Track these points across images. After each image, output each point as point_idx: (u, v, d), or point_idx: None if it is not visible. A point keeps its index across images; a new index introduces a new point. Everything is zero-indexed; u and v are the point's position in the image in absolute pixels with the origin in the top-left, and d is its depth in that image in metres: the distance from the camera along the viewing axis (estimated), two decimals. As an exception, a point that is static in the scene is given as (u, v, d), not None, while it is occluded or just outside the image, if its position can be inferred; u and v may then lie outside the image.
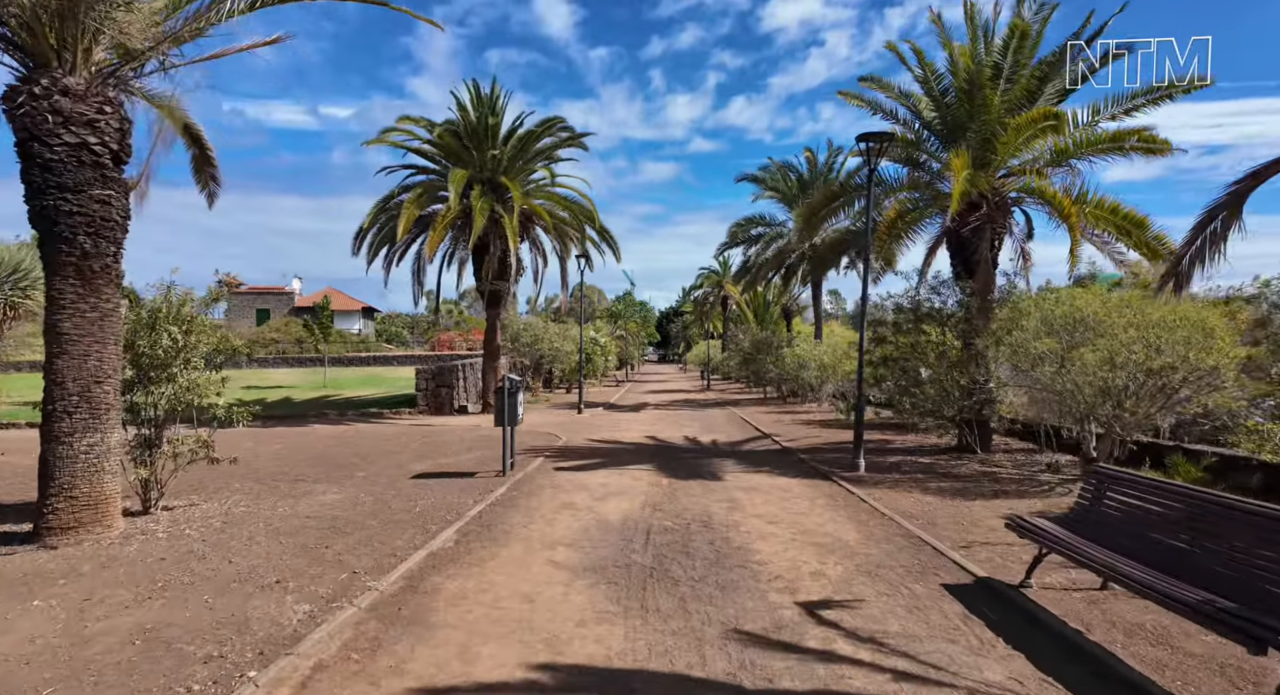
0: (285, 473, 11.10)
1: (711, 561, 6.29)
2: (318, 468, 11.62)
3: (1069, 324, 9.12)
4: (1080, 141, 10.78)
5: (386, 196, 21.48)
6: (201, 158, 10.18)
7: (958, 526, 7.41)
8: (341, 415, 21.94)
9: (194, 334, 8.22)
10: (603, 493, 9.50)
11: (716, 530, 7.41)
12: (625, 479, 10.57)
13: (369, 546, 6.75)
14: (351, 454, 13.22)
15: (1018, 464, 11.21)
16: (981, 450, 12.04)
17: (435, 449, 13.80)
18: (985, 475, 10.38)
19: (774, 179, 26.65)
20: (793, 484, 10.10)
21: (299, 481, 10.36)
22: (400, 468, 11.60)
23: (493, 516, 8.08)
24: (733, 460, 12.54)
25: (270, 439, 15.89)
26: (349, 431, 17.45)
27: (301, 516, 8.02)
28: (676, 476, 10.78)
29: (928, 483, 9.92)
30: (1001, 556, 6.28)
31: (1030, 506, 8.22)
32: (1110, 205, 10.63)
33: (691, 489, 9.76)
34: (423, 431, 17.15)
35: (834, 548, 6.68)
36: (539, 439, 15.43)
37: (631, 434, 16.70)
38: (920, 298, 12.34)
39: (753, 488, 9.82)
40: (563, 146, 22.84)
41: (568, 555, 6.52)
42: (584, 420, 20.27)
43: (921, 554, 6.44)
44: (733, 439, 15.72)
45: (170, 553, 6.45)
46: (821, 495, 9.26)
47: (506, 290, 22.89)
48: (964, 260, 12.04)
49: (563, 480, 10.45)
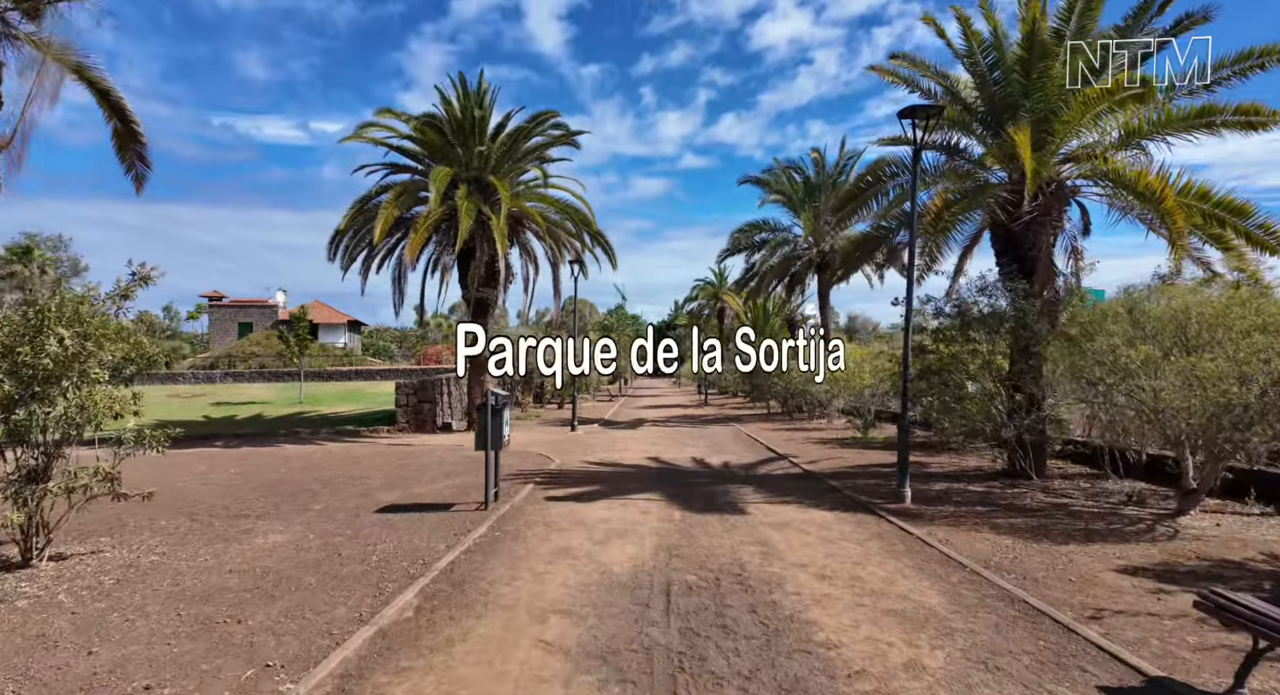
0: (228, 506, 9.36)
1: (761, 643, 4.63)
2: (269, 498, 9.88)
3: (1171, 327, 7.58)
4: (1159, 119, 9.29)
5: (364, 196, 19.81)
6: (126, 132, 8.55)
7: (1066, 584, 5.78)
8: (314, 434, 20.14)
9: (93, 339, 6.53)
10: (605, 532, 7.83)
11: (756, 589, 5.75)
12: (630, 512, 8.90)
13: (298, 619, 5.05)
14: (313, 480, 11.49)
15: (1088, 493, 9.60)
16: (1037, 476, 10.45)
17: (410, 474, 12.08)
18: (1055, 507, 8.77)
19: (779, 182, 25.22)
20: (830, 519, 8.45)
21: (240, 517, 8.63)
22: (365, 497, 9.88)
23: (468, 569, 6.38)
24: (751, 487, 10.88)
25: (228, 462, 14.11)
26: (317, 453, 15.68)
27: (224, 570, 6.31)
28: (690, 508, 9.12)
29: (992, 517, 8.30)
30: (1160, 636, 4.64)
31: (1144, 554, 6.61)
32: (1200, 190, 9.15)
33: (710, 526, 8.11)
34: (399, 453, 15.41)
35: (919, 618, 5.03)
36: (529, 461, 13.73)
37: (631, 454, 15.02)
38: (965, 301, 10.78)
39: (784, 524, 8.17)
40: (556, 145, 21.31)
41: (564, 631, 4.85)
42: (578, 438, 18.57)
43: (1042, 629, 4.80)
44: (745, 461, 14.07)
45: (14, 636, 4.73)
46: (870, 535, 7.62)
47: (494, 299, 21.18)
48: (1017, 258, 10.50)
49: (556, 515, 8.76)
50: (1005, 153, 10.11)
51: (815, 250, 24.68)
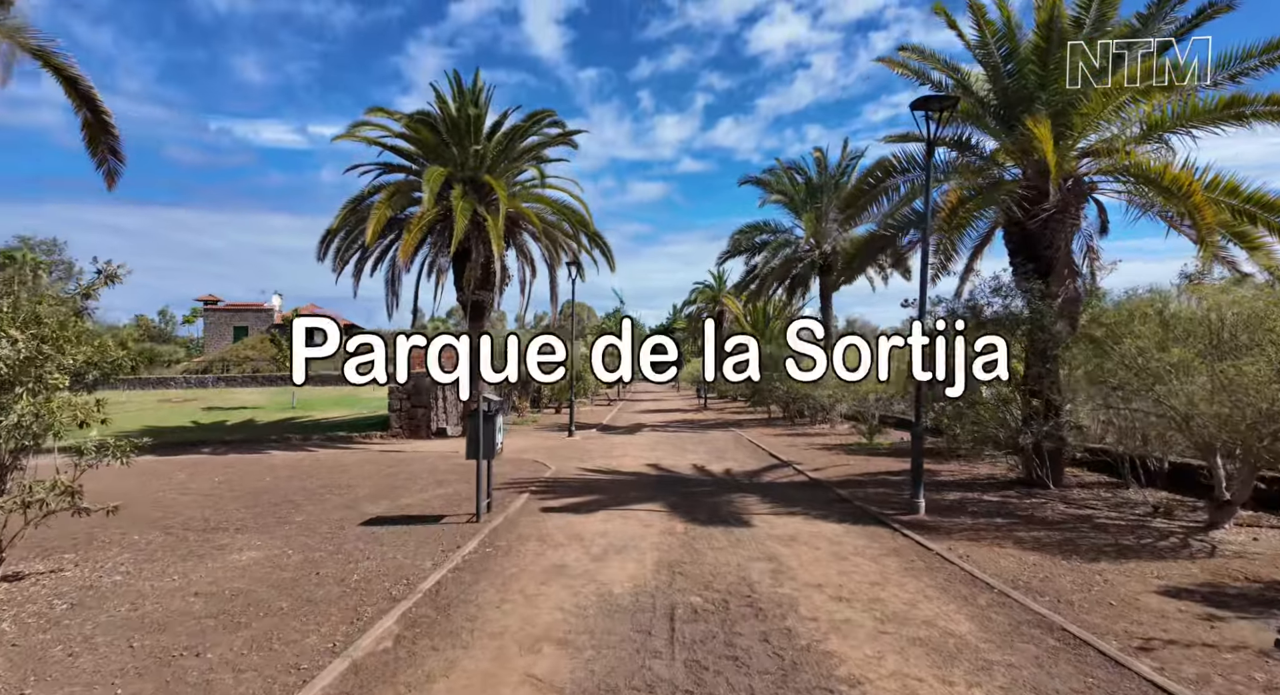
0: (206, 518, 8.87)
1: (776, 679, 4.16)
2: (250, 509, 9.40)
3: (1203, 329, 7.13)
4: (1184, 111, 8.84)
5: (357, 197, 19.34)
6: (96, 123, 8.06)
7: (1105, 608, 5.31)
8: (305, 439, 19.63)
9: (51, 342, 6.05)
10: (603, 547, 7.35)
11: (768, 613, 5.27)
12: (630, 525, 8.42)
13: (265, 651, 4.57)
14: (298, 490, 11.00)
15: (1110, 504, 9.14)
16: (1055, 485, 9.99)
17: (400, 482, 11.59)
18: (1079, 520, 8.30)
19: (780, 183, 24.77)
20: (841, 532, 7.98)
21: (216, 531, 8.14)
22: (351, 509, 9.40)
23: (455, 590, 5.90)
24: (756, 496, 10.42)
25: (212, 470, 13.62)
26: (306, 460, 15.19)
27: (189, 592, 5.82)
28: (693, 520, 8.65)
29: (1014, 531, 7.83)
30: (1223, 673, 4.16)
31: (1184, 573, 6.14)
32: (1228, 184, 8.71)
33: (715, 539, 7.63)
34: (390, 459, 14.92)
35: (950, 650, 4.56)
36: (524, 469, 13.25)
37: (630, 461, 14.54)
38: (979, 302, 10.33)
39: (792, 537, 7.70)
40: (553, 144, 20.87)
41: (557, 664, 4.38)
42: (576, 444, 18.09)
43: (1088, 663, 4.32)
44: (748, 468, 13.60)
45: (-48, 668, 4.25)
46: (886, 550, 7.15)
47: (490, 301, 20.68)
48: (1032, 257, 10.04)
49: (552, 527, 8.29)
50: (1020, 147, 9.69)
51: (817, 252, 24.23)
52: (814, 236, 24.03)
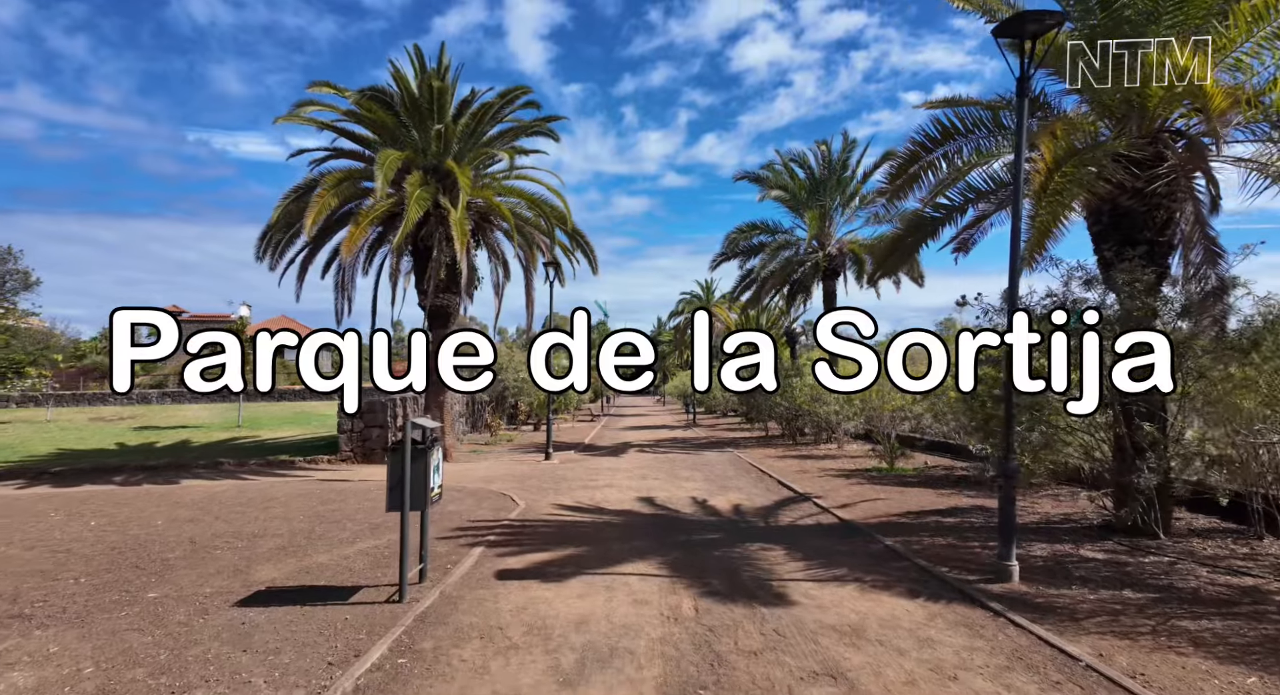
0: (17, 592, 6.30)
1: None
2: (94, 577, 6.83)
3: None
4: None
5: (299, 186, 16.66)
6: None
7: None
8: (240, 465, 16.90)
9: None
10: (580, 651, 4.89)
11: None
12: (618, 603, 5.97)
13: None
14: (184, 541, 8.43)
15: (1262, 565, 6.84)
16: (1163, 532, 7.70)
17: (325, 526, 9.06)
18: (1245, 594, 5.98)
19: (779, 178, 22.56)
20: (923, 619, 5.58)
21: (12, 619, 5.58)
22: (237, 574, 6.87)
23: (319, 767, 3.42)
24: (781, 548, 8.01)
25: (100, 507, 10.98)
26: (227, 492, 12.56)
27: None
28: (707, 591, 6.23)
29: (1171, 618, 5.46)
30: None
31: None
32: None
33: (744, 632, 5.21)
34: (328, 492, 12.34)
35: None
36: (486, 505, 10.76)
37: (616, 493, 12.09)
38: (1065, 299, 8.05)
39: (857, 630, 5.29)
40: (529, 131, 18.49)
41: None
42: (552, 470, 15.60)
43: None
44: (759, 503, 11.18)
45: None
46: (1004, 655, 4.75)
47: (456, 306, 18.13)
48: (1134, 240, 7.77)
49: (506, 610, 5.80)
50: (1125, 97, 7.46)
51: (821, 254, 22.01)
52: (817, 237, 21.83)
